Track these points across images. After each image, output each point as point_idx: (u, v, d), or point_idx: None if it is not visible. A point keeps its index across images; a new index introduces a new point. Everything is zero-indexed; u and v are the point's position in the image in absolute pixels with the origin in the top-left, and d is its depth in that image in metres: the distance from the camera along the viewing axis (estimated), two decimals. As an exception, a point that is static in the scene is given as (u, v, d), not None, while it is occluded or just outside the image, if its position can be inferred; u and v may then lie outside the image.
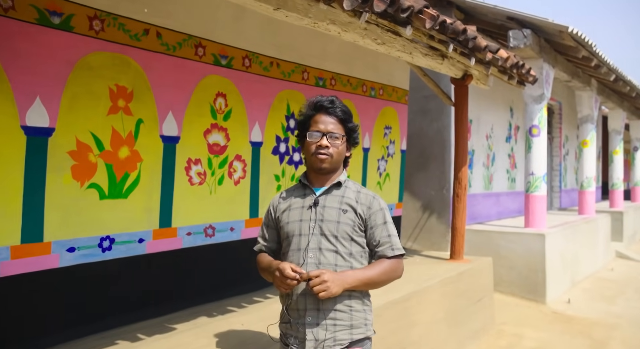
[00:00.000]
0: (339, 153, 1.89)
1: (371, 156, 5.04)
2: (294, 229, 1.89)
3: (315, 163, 1.88)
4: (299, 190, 1.97)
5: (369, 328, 1.90)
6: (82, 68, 2.66)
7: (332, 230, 1.84)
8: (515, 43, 5.79)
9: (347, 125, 1.91)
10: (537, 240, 6.09)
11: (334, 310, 1.81)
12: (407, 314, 3.75)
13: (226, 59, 3.49)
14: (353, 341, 1.83)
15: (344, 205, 1.88)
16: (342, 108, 1.90)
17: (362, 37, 3.33)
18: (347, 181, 1.95)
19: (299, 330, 1.83)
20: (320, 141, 1.85)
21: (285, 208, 1.94)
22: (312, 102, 1.94)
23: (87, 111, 2.70)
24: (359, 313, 1.86)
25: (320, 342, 1.80)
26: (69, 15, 2.59)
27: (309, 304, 1.82)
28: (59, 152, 2.58)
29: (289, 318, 1.87)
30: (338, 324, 1.82)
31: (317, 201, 1.88)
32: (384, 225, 1.90)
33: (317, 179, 1.92)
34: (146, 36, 2.97)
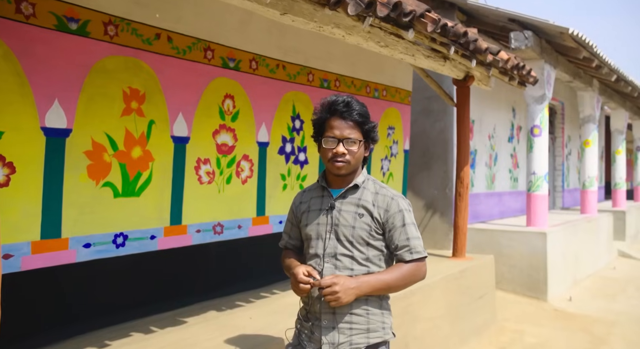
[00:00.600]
0: (357, 157, 1.82)
1: (374, 156, 5.14)
2: (311, 232, 1.87)
3: (332, 170, 1.82)
4: (317, 190, 1.93)
5: (387, 332, 1.86)
6: (97, 71, 2.78)
7: (347, 235, 1.80)
8: (517, 44, 5.88)
9: (364, 128, 1.81)
10: (538, 239, 6.18)
11: (350, 314, 1.79)
12: (410, 310, 3.85)
13: (234, 62, 3.60)
14: (369, 344, 1.80)
15: (360, 208, 1.82)
16: (358, 111, 1.80)
17: (366, 40, 3.43)
18: (367, 182, 1.88)
19: (314, 332, 1.82)
20: (336, 148, 1.77)
21: (304, 209, 1.92)
22: (327, 103, 1.83)
23: (102, 113, 2.82)
24: (376, 317, 1.83)
25: (336, 346, 1.78)
26: (85, 21, 2.71)
27: (324, 307, 1.79)
28: (75, 152, 2.70)
29: (306, 317, 1.86)
30: (354, 328, 1.79)
31: (333, 205, 1.84)
32: (403, 227, 1.82)
33: (334, 181, 1.86)
34: (158, 40, 3.08)
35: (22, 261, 2.49)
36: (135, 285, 3.04)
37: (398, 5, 2.88)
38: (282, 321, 2.87)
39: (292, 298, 3.48)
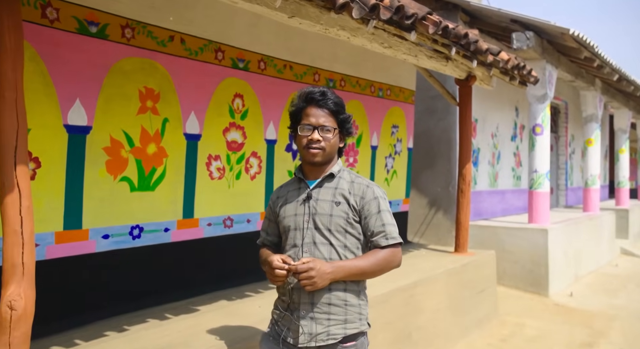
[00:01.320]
0: (332, 145, 1.86)
1: (379, 154, 5.28)
2: (289, 224, 1.89)
3: (307, 157, 1.86)
4: (294, 183, 1.96)
5: (363, 323, 1.88)
6: (115, 72, 2.94)
7: (325, 224, 1.84)
8: (519, 45, 5.99)
9: (339, 117, 1.88)
10: (540, 235, 6.29)
11: (328, 305, 1.81)
12: (414, 301, 3.99)
13: (243, 62, 3.75)
14: (347, 335, 1.83)
15: (337, 196, 1.86)
16: (333, 100, 1.86)
17: (370, 42, 3.57)
18: (342, 172, 1.93)
19: (292, 322, 1.84)
20: (312, 135, 1.83)
21: (282, 202, 1.95)
22: (304, 93, 1.89)
23: (120, 111, 2.98)
24: (354, 308, 1.85)
25: (313, 336, 1.80)
26: (104, 24, 2.87)
27: (303, 297, 1.82)
28: (95, 148, 2.86)
29: (283, 307, 1.89)
30: (332, 319, 1.81)
31: (310, 195, 1.87)
32: (378, 214, 1.86)
33: (311, 171, 1.90)
34: (171, 42, 3.24)
35: (47, 250, 2.65)
36: (150, 275, 3.20)
37: (400, 8, 3.02)
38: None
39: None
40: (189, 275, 3.42)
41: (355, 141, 4.94)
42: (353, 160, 4.92)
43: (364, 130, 5.04)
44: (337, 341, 1.81)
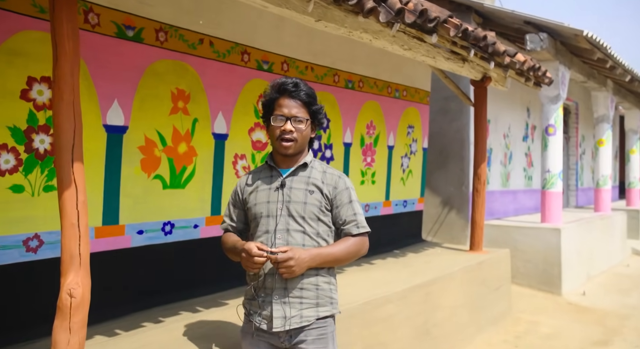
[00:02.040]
0: (304, 136, 1.90)
1: (395, 153, 5.37)
2: (261, 210, 1.91)
3: (280, 148, 1.89)
4: (265, 171, 1.98)
5: (334, 306, 1.95)
6: (150, 74, 3.05)
7: (299, 211, 1.87)
8: (532, 46, 6.07)
9: (312, 108, 1.91)
10: (553, 234, 6.36)
11: (300, 289, 1.86)
12: (431, 298, 4.08)
13: (267, 64, 3.86)
14: (319, 317, 1.89)
15: (310, 185, 1.90)
16: (306, 91, 1.89)
17: (391, 44, 3.67)
18: (313, 162, 1.97)
19: (265, 308, 1.87)
20: (284, 125, 1.86)
21: (252, 189, 1.96)
22: (276, 84, 1.92)
23: (153, 111, 3.09)
24: (325, 292, 1.91)
25: (287, 319, 1.84)
26: (140, 28, 2.99)
27: (276, 283, 1.85)
28: (131, 147, 2.98)
29: (254, 295, 1.91)
30: (304, 302, 1.86)
31: (284, 183, 1.90)
32: (350, 203, 1.93)
33: (283, 161, 1.94)
34: (201, 45, 3.36)
35: (86, 245, 2.77)
36: (180, 269, 3.31)
37: (424, 12, 3.12)
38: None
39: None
40: (216, 270, 3.53)
41: (373, 141, 5.04)
42: (370, 160, 5.02)
43: (381, 130, 5.14)
44: (310, 323, 1.87)
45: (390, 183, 5.31)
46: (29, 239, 2.54)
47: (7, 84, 2.42)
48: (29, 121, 2.51)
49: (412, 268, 4.46)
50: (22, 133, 2.49)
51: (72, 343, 1.88)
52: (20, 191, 2.49)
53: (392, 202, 5.38)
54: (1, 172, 2.42)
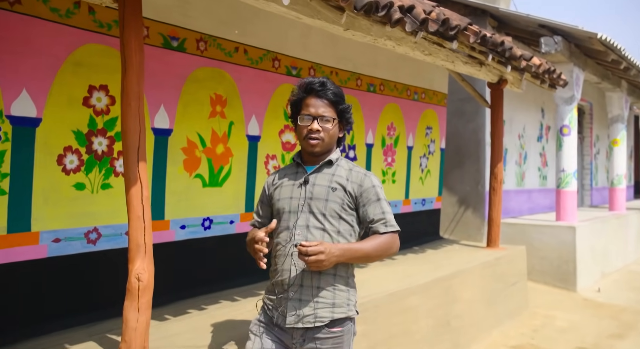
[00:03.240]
0: (331, 136, 1.89)
1: (414, 154, 5.58)
2: (284, 206, 1.91)
3: (307, 147, 1.89)
4: (292, 168, 2.00)
5: (351, 308, 1.90)
6: (191, 81, 3.31)
7: (320, 208, 1.85)
8: (547, 49, 6.24)
9: (339, 107, 1.90)
10: (568, 232, 6.52)
11: (318, 288, 1.83)
12: (452, 291, 4.28)
13: (296, 70, 4.10)
14: (334, 319, 1.84)
15: (333, 183, 1.88)
16: (333, 91, 1.89)
17: (413, 50, 3.89)
18: (340, 160, 1.96)
19: (281, 304, 1.86)
20: (311, 125, 1.86)
21: (277, 185, 1.97)
22: (304, 83, 1.91)
23: (195, 115, 3.35)
24: (342, 293, 1.87)
25: (301, 317, 1.82)
26: (183, 39, 3.24)
27: (292, 279, 1.84)
28: (175, 148, 3.24)
29: (274, 290, 1.91)
30: (320, 302, 1.83)
31: (307, 180, 1.89)
32: (377, 201, 1.90)
33: (310, 159, 1.93)
34: (237, 53, 3.60)
35: (137, 238, 3.03)
36: (219, 262, 3.56)
37: (446, 21, 3.33)
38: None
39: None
40: (252, 263, 3.76)
41: (393, 142, 5.26)
42: (391, 160, 5.24)
43: (401, 132, 5.35)
44: (324, 325, 1.83)
45: (409, 183, 5.52)
46: (89, 232, 2.80)
47: (72, 92, 2.69)
48: (89, 125, 2.78)
49: (432, 263, 4.66)
50: (83, 136, 2.75)
51: (141, 321, 2.12)
52: (82, 188, 2.76)
53: (412, 201, 5.59)
54: (66, 171, 2.69)
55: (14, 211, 2.48)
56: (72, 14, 2.66)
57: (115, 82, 2.89)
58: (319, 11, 2.92)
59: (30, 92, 2.52)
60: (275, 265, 1.92)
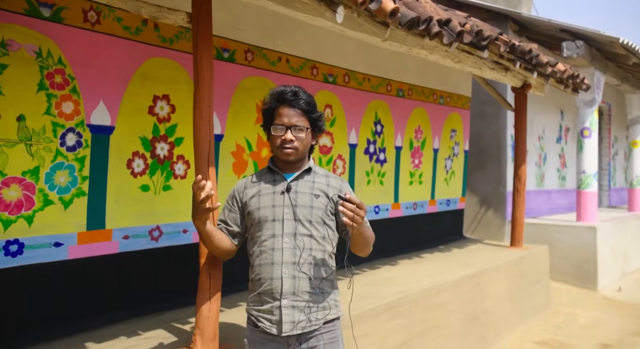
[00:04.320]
0: (305, 144, 1.91)
1: (440, 156, 5.78)
2: (266, 215, 1.89)
3: (281, 156, 1.90)
4: (267, 175, 1.97)
5: (339, 309, 1.97)
6: (240, 89, 3.55)
7: (306, 215, 1.87)
8: (569, 53, 6.38)
9: (311, 116, 1.91)
10: (588, 233, 6.67)
11: (309, 293, 1.86)
12: (480, 288, 4.48)
13: (332, 77, 4.33)
14: (326, 321, 1.91)
15: (315, 190, 1.91)
16: (305, 100, 1.90)
17: (444, 58, 4.09)
18: (315, 167, 1.99)
19: (273, 313, 1.86)
20: (285, 135, 1.86)
21: (254, 193, 1.94)
22: (276, 93, 1.92)
23: (243, 121, 3.58)
24: (330, 295, 1.93)
25: (296, 324, 1.84)
26: (233, 50, 3.48)
27: (285, 287, 1.84)
28: (225, 152, 3.48)
29: (261, 301, 1.89)
30: (312, 306, 1.86)
31: (290, 187, 1.89)
32: None
33: (285, 166, 1.94)
34: (279, 62, 3.84)
35: (193, 236, 3.28)
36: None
37: (479, 32, 3.53)
38: (376, 291, 3.56)
39: (386, 273, 4.16)
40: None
41: (420, 144, 5.46)
42: (418, 162, 5.44)
43: (428, 135, 5.55)
44: (318, 327, 1.89)
45: (435, 184, 5.72)
46: (152, 230, 3.06)
47: (139, 102, 2.94)
48: (153, 132, 3.02)
49: (459, 262, 4.86)
50: (148, 142, 3.00)
51: (212, 310, 2.36)
52: (146, 190, 3.01)
53: (437, 201, 5.79)
54: (134, 174, 2.94)
55: (92, 210, 2.74)
56: (140, 30, 2.91)
57: (175, 91, 3.15)
58: (362, 25, 3.14)
59: (106, 103, 2.77)
60: (261, 274, 1.88)
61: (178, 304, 3.08)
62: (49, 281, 2.61)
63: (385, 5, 2.74)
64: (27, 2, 2.43)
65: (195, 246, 3.18)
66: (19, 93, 2.43)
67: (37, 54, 2.49)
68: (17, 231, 2.46)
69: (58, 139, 2.60)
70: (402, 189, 5.22)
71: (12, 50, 2.39)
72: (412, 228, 5.34)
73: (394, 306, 3.43)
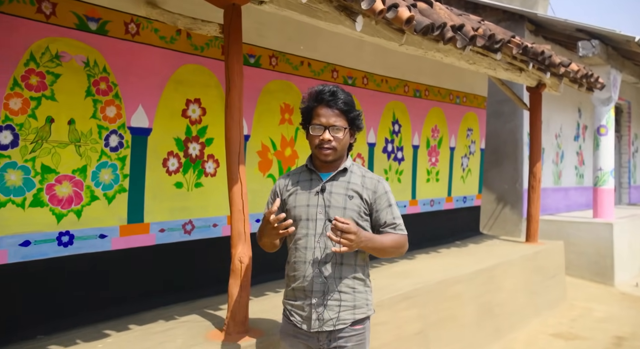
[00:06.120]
0: (343, 144, 1.91)
1: (456, 154, 5.94)
2: (300, 213, 1.93)
3: (320, 156, 1.91)
4: (304, 174, 2.00)
5: (369, 308, 1.99)
6: (265, 92, 3.78)
7: (338, 216, 1.86)
8: (584, 52, 6.47)
9: (349, 115, 1.91)
10: (605, 229, 6.75)
11: (339, 292, 1.90)
12: (494, 281, 4.64)
13: (351, 79, 4.53)
14: (355, 320, 1.93)
15: (349, 191, 1.92)
16: (343, 100, 1.90)
17: (459, 60, 4.26)
18: (352, 166, 1.99)
19: (304, 309, 1.92)
20: (323, 135, 1.88)
21: (292, 191, 1.98)
22: (314, 92, 1.94)
23: (268, 122, 3.81)
24: (361, 295, 1.95)
25: (325, 321, 1.89)
26: (258, 56, 3.71)
27: (315, 285, 1.89)
28: (252, 151, 3.71)
29: (295, 296, 1.95)
30: (342, 305, 1.90)
31: (324, 188, 1.91)
32: (389, 207, 1.96)
33: (322, 165, 1.95)
34: (302, 66, 4.06)
35: (222, 230, 3.52)
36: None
37: (492, 36, 3.70)
38: (394, 283, 3.75)
39: (403, 267, 4.34)
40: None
41: (437, 143, 5.63)
42: (435, 160, 5.61)
43: (444, 134, 5.71)
44: (347, 326, 1.92)
45: (452, 181, 5.88)
46: (185, 224, 3.31)
47: (174, 105, 3.19)
48: (186, 133, 3.27)
49: (475, 256, 5.02)
50: (182, 143, 3.25)
51: (243, 295, 2.59)
52: (180, 187, 3.26)
53: (454, 198, 5.95)
54: (169, 172, 3.19)
55: (132, 205, 3.00)
56: (175, 39, 3.16)
57: (206, 95, 3.40)
58: (380, 31, 3.34)
59: (144, 107, 3.03)
60: (295, 271, 1.96)
61: (209, 292, 3.32)
62: (95, 269, 2.88)
63: (401, 13, 2.94)
64: (77, 17, 2.70)
65: (224, 240, 3.43)
66: (70, 99, 2.70)
67: (85, 64, 2.75)
68: (69, 224, 2.73)
69: (102, 140, 2.86)
70: (420, 186, 5.40)
71: (64, 61, 2.66)
72: (430, 225, 5.51)
73: (410, 297, 3.62)
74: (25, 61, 2.53)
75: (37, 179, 2.60)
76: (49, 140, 2.63)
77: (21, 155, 2.54)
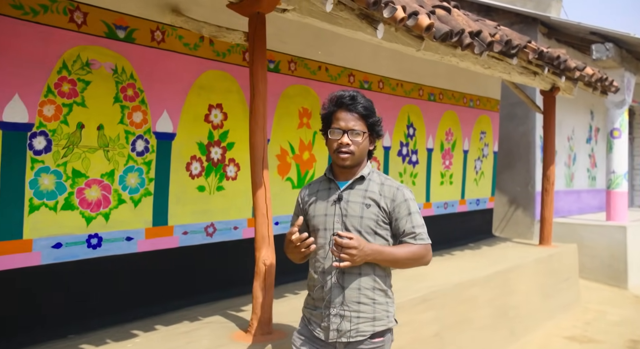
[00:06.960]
0: (361, 149, 1.89)
1: (469, 157, 5.97)
2: (319, 223, 1.93)
3: (337, 161, 1.90)
4: (324, 183, 2.00)
5: (390, 320, 1.94)
6: (284, 97, 3.84)
7: (355, 225, 1.87)
8: (598, 55, 6.48)
9: (369, 120, 1.90)
10: (619, 232, 6.74)
11: (358, 303, 1.87)
12: (509, 284, 4.67)
13: (367, 83, 4.58)
14: (375, 332, 1.89)
15: (367, 199, 1.89)
16: (363, 104, 1.89)
17: (474, 64, 4.30)
18: (372, 174, 1.96)
19: (323, 319, 1.90)
20: (341, 139, 1.87)
21: (312, 200, 1.98)
22: (334, 97, 1.93)
23: (286, 126, 3.88)
24: (382, 306, 1.91)
25: (343, 333, 1.86)
26: (278, 61, 3.78)
27: (334, 296, 1.87)
28: (271, 155, 3.77)
29: (314, 305, 1.95)
30: (361, 317, 1.87)
31: (341, 197, 1.90)
32: (409, 216, 1.90)
33: (341, 173, 1.94)
34: (319, 71, 4.12)
35: (243, 232, 3.59)
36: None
37: (508, 42, 3.74)
38: (410, 286, 3.80)
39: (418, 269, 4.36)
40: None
41: (451, 146, 5.66)
42: (449, 163, 5.65)
43: (458, 137, 5.75)
44: (366, 338, 1.89)
45: (465, 184, 5.92)
46: (207, 227, 3.38)
47: (197, 111, 3.26)
48: (208, 137, 3.34)
49: (489, 259, 5.05)
50: (204, 147, 3.32)
51: (267, 297, 2.65)
52: (202, 190, 3.33)
53: (467, 201, 5.98)
54: (192, 176, 3.26)
55: (157, 208, 3.07)
56: (198, 46, 3.23)
57: (227, 101, 3.46)
58: (399, 37, 3.39)
59: (169, 112, 3.10)
60: (314, 281, 1.96)
61: (231, 294, 3.39)
62: (122, 271, 2.95)
63: (421, 21, 2.99)
64: (106, 25, 2.78)
65: (245, 242, 3.51)
66: (99, 105, 2.78)
67: (114, 71, 2.83)
68: (97, 227, 2.81)
69: (129, 145, 2.94)
70: (434, 189, 5.44)
71: (94, 68, 2.74)
72: (443, 227, 5.55)
73: (427, 299, 3.67)
74: (58, 69, 2.61)
75: (68, 183, 2.68)
76: (79, 145, 2.71)
77: (54, 160, 2.62)
